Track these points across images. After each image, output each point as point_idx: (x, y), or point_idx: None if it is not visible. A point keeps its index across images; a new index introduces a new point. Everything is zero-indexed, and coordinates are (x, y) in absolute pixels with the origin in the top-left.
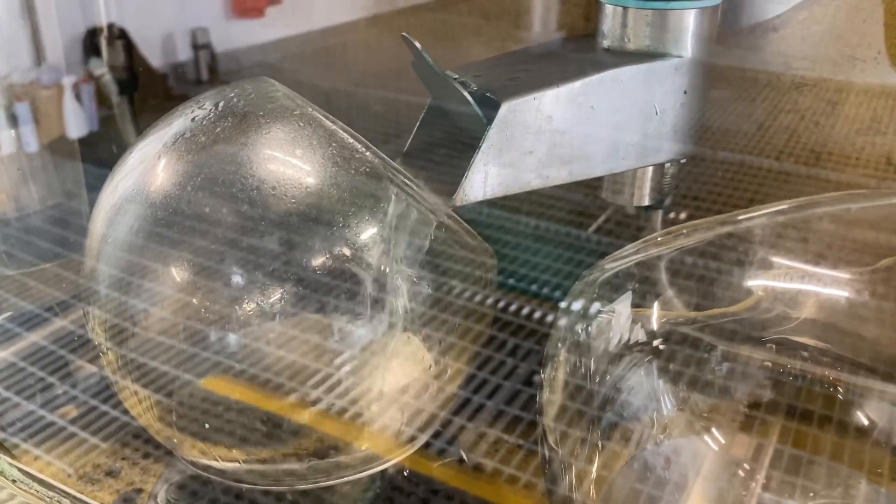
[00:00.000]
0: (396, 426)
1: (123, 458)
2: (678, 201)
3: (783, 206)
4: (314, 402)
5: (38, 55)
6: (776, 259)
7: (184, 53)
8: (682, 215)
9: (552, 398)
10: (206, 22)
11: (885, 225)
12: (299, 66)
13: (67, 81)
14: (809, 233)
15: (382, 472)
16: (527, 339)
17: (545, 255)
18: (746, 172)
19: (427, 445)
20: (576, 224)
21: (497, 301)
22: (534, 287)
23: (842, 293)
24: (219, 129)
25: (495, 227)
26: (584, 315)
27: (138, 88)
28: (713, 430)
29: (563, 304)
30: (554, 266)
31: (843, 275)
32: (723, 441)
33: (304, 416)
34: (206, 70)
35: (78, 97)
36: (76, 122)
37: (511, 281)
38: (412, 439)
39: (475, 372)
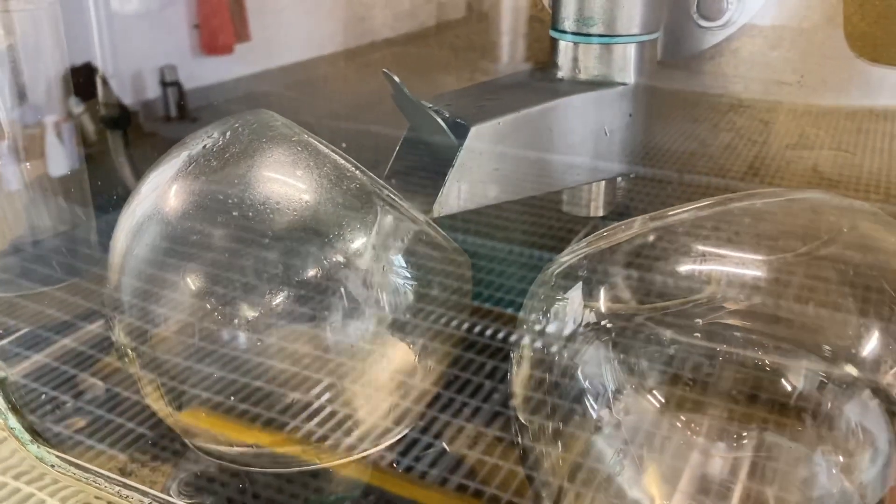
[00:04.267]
0: (387, 413)
1: (135, 462)
2: (630, 212)
3: (705, 202)
4: (312, 391)
5: (20, 95)
6: (703, 248)
7: (153, 91)
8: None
9: (520, 377)
10: (175, 59)
11: (794, 217)
12: (271, 101)
13: (49, 120)
14: (731, 224)
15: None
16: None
17: (520, 280)
18: (696, 186)
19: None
20: (549, 239)
21: (474, 303)
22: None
23: (766, 276)
24: (227, 155)
25: (479, 255)
26: (544, 302)
27: (130, 124)
28: (662, 403)
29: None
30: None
31: (765, 261)
32: (672, 414)
33: (305, 405)
34: (174, 107)
35: (59, 136)
36: (57, 161)
37: (487, 297)
38: (402, 421)
39: (453, 366)
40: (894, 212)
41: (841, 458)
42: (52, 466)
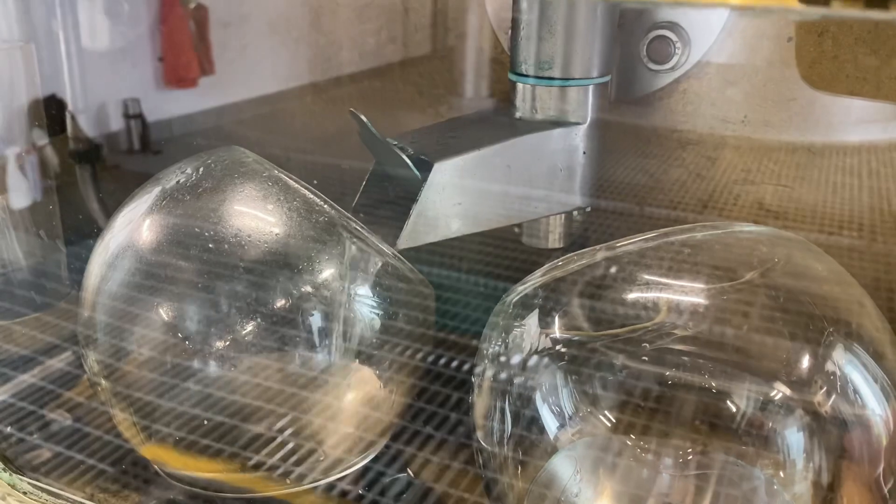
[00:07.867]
0: (354, 437)
1: (103, 491)
2: (587, 243)
3: (651, 234)
4: (280, 418)
5: None
6: (648, 276)
7: (116, 123)
8: None
9: (480, 399)
10: (139, 92)
11: (731, 249)
12: (234, 134)
13: (11, 153)
14: (674, 255)
15: None
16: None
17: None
18: (649, 218)
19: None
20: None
21: (438, 328)
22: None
23: (709, 304)
24: (201, 189)
25: (442, 285)
26: (502, 330)
27: (101, 158)
28: (616, 425)
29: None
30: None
31: (708, 289)
32: (624, 434)
33: (273, 431)
34: (137, 140)
35: (21, 168)
36: (19, 193)
37: (448, 325)
38: (369, 447)
39: (420, 387)
40: (827, 240)
41: (781, 473)
42: (25, 494)
